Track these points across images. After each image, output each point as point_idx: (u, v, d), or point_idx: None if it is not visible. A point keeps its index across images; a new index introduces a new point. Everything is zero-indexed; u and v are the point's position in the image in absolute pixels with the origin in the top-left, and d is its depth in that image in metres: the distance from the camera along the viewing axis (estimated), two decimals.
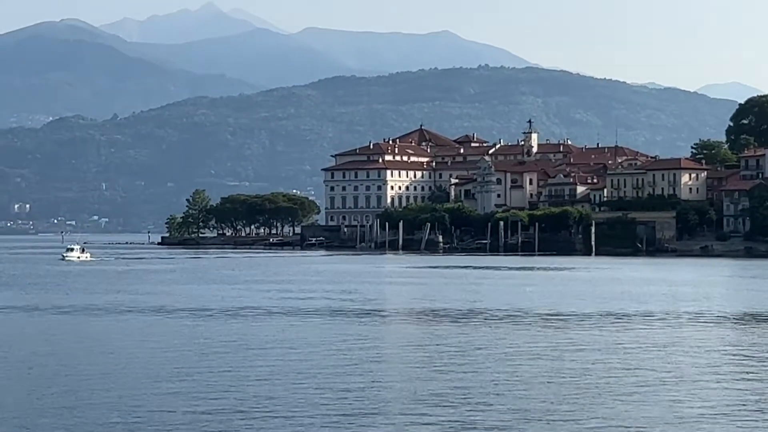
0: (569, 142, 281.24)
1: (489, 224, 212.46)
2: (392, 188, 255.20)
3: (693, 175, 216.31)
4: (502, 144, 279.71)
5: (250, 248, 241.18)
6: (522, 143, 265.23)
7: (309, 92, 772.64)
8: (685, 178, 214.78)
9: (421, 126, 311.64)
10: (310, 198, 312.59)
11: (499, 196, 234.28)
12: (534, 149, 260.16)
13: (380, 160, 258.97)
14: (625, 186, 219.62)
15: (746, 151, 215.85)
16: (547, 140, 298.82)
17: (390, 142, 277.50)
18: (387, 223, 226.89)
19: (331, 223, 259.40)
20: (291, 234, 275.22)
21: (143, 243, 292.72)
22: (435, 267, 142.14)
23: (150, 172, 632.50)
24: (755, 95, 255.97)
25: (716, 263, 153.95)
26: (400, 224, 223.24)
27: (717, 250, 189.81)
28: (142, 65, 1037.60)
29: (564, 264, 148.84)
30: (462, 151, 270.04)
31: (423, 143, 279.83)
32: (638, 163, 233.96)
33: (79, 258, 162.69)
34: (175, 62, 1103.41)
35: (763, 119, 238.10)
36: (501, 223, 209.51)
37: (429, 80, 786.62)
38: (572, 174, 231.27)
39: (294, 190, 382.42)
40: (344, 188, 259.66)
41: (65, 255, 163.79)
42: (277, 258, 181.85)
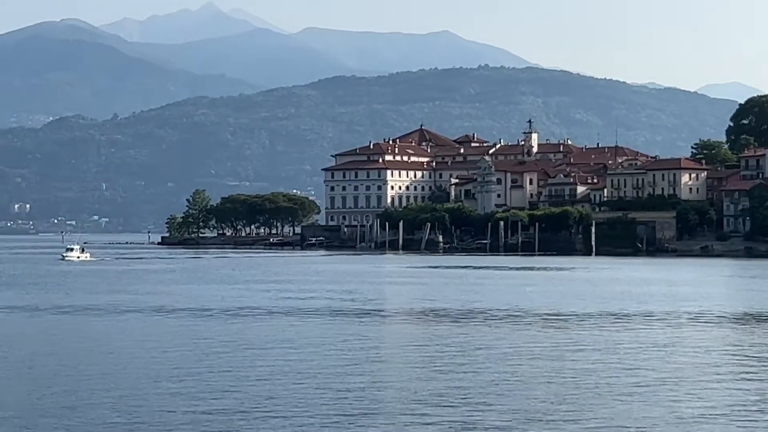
0: (569, 142, 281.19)
1: (489, 224, 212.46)
2: (392, 188, 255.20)
3: (693, 175, 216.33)
4: (502, 144, 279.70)
5: (250, 248, 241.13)
6: (522, 143, 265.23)
7: (309, 92, 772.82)
8: (685, 178, 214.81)
9: (421, 126, 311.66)
10: (310, 198, 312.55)
11: (499, 196, 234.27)
12: (534, 149, 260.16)
13: (380, 160, 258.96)
14: (625, 186, 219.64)
15: (746, 151, 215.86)
16: (547, 140, 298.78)
17: (390, 142, 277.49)
18: (387, 223, 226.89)
19: (331, 223, 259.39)
20: (291, 234, 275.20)
21: (143, 243, 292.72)
22: (435, 267, 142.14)
23: (150, 172, 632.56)
24: (755, 95, 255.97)
25: (716, 263, 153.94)
26: (400, 224, 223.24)
27: (717, 250, 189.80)
28: (142, 65, 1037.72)
29: (564, 264, 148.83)
30: (462, 151, 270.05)
31: (423, 143, 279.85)
32: (638, 163, 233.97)
33: (79, 258, 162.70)
34: (175, 62, 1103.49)
35: (763, 119, 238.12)
36: (501, 223, 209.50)
37: (429, 80, 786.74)
38: (572, 174, 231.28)
39: (294, 190, 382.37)
40: (344, 188, 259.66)
41: (65, 255, 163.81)
42: (277, 258, 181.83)
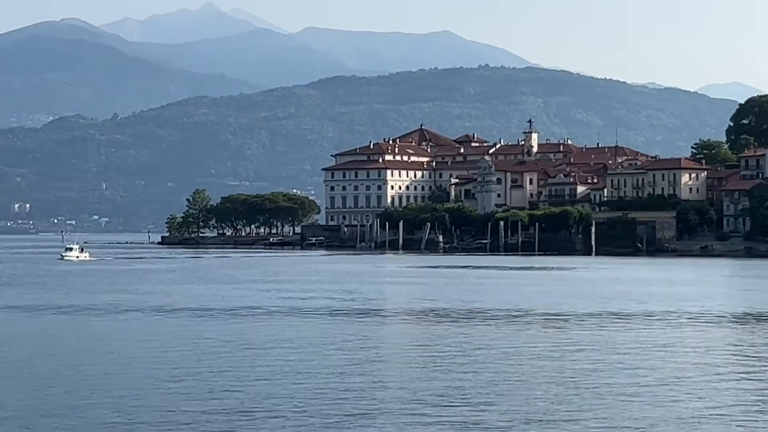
0: (569, 142, 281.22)
1: (489, 224, 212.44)
2: (392, 188, 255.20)
3: (693, 175, 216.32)
4: (502, 144, 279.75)
5: (250, 248, 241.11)
6: (522, 143, 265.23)
7: (309, 92, 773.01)
8: (685, 178, 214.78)
9: (422, 126, 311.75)
10: (310, 198, 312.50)
11: (499, 196, 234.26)
12: (534, 149, 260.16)
13: (380, 160, 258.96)
14: (625, 186, 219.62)
15: (746, 151, 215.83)
16: (547, 140, 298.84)
17: (390, 142, 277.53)
18: (387, 223, 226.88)
19: (331, 223, 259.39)
20: (291, 234, 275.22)
21: (143, 243, 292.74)
22: (435, 267, 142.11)
23: (150, 172, 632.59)
24: (755, 95, 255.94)
25: (716, 263, 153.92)
26: (400, 224, 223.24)
27: (717, 250, 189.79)
28: (142, 65, 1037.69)
29: (564, 264, 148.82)
30: (462, 151, 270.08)
31: (423, 143, 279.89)
32: (638, 163, 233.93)
33: (78, 258, 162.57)
34: (175, 62, 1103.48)
35: (763, 119, 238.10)
36: (501, 223, 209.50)
37: (429, 80, 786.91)
38: (572, 174, 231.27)
39: (294, 190, 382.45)
40: (344, 188, 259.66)
41: (64, 255, 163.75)
42: (277, 258, 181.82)
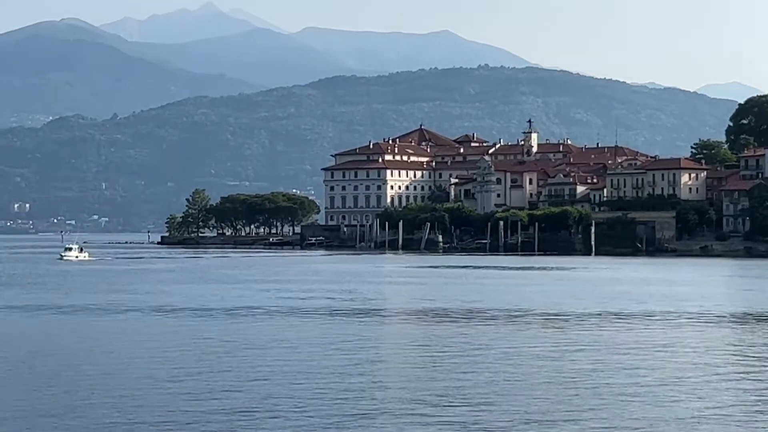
0: (569, 142, 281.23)
1: (489, 224, 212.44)
2: (392, 188, 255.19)
3: (693, 175, 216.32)
4: (502, 144, 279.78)
5: (250, 248, 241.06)
6: (522, 143, 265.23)
7: (309, 92, 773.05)
8: (685, 178, 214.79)
9: (421, 126, 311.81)
10: (310, 198, 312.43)
11: (499, 196, 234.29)
12: (534, 149, 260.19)
13: (380, 160, 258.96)
14: (625, 186, 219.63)
15: (746, 151, 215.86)
16: (547, 140, 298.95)
17: (390, 142, 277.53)
18: (387, 223, 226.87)
19: (331, 223, 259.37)
20: (291, 234, 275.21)
21: (143, 242, 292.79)
22: (435, 267, 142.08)
23: (150, 172, 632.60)
24: (755, 95, 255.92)
25: (716, 263, 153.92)
26: (400, 224, 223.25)
27: (717, 250, 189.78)
28: (142, 65, 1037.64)
29: (564, 264, 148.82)
30: (462, 151, 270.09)
31: (423, 143, 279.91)
32: (638, 163, 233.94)
33: (77, 257, 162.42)
34: (175, 62, 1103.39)
35: (763, 119, 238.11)
36: (501, 223, 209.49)
37: (429, 80, 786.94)
38: (572, 174, 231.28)
39: (294, 190, 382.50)
40: (344, 188, 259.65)
41: (63, 254, 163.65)
42: (277, 258, 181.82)
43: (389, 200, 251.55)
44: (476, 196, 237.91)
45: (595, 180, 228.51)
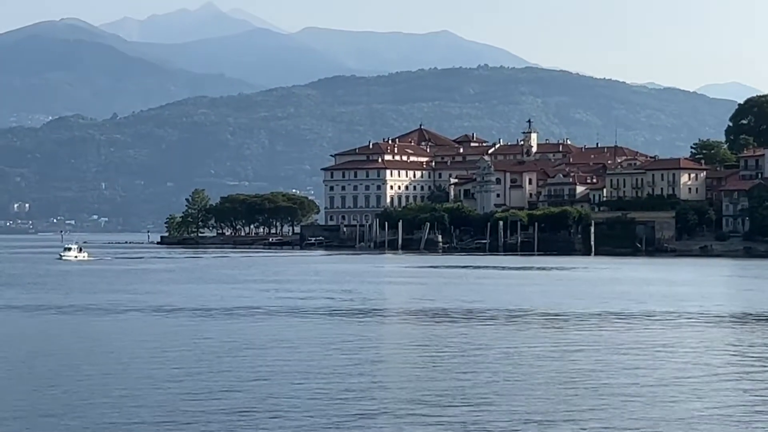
0: (569, 142, 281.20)
1: (488, 224, 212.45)
2: (392, 188, 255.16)
3: (692, 175, 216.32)
4: (502, 144, 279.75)
5: (250, 248, 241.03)
6: (521, 143, 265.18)
7: (309, 92, 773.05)
8: (685, 178, 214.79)
9: (421, 126, 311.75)
10: (310, 198, 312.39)
11: (499, 196, 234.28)
12: (533, 149, 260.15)
13: (380, 160, 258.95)
14: (625, 186, 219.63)
15: (745, 151, 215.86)
16: (547, 140, 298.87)
17: (390, 142, 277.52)
18: (386, 223, 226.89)
19: (331, 223, 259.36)
20: (290, 234, 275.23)
21: (143, 242, 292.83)
22: (434, 267, 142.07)
23: (150, 172, 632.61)
24: (755, 95, 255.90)
25: (716, 263, 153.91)
26: (400, 224, 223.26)
27: (716, 250, 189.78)
28: (142, 65, 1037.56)
29: (563, 264, 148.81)
30: (462, 151, 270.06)
31: (423, 143, 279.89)
32: (638, 163, 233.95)
33: (77, 257, 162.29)
34: (175, 62, 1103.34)
35: (763, 119, 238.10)
36: (500, 223, 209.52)
37: (429, 80, 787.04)
38: (572, 174, 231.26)
39: (293, 190, 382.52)
40: (344, 188, 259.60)
41: (62, 254, 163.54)
42: (277, 258, 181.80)
43: (389, 200, 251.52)
44: (476, 196, 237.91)
45: (595, 180, 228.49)
